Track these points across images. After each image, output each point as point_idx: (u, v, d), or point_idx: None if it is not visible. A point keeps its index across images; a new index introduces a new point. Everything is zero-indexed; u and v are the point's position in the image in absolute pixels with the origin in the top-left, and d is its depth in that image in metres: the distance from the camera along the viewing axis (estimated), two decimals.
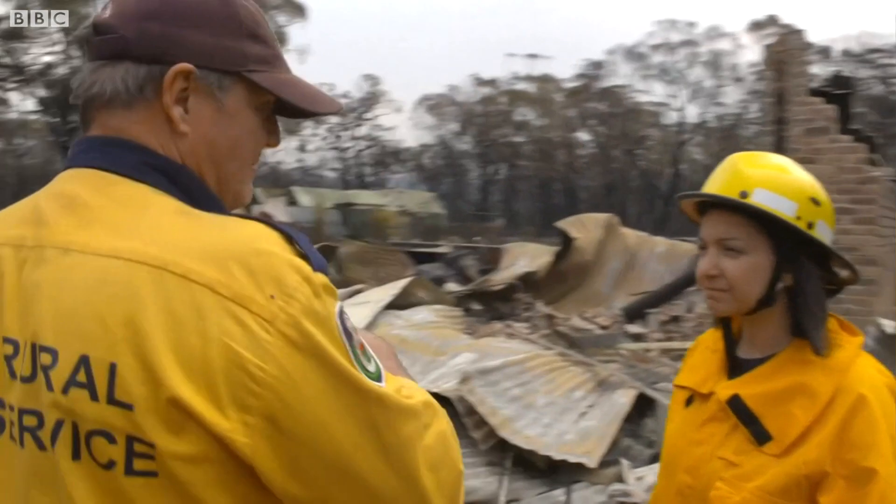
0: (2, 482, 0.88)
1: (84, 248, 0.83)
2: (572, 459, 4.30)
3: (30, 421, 0.84)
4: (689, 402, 1.60)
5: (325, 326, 0.81)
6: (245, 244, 0.82)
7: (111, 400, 0.78)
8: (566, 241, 11.84)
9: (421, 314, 7.92)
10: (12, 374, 0.85)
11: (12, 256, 0.88)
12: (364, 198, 45.50)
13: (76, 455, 0.80)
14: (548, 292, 11.15)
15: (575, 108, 58.37)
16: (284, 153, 72.17)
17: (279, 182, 65.72)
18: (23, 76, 46.79)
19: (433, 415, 0.90)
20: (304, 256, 0.83)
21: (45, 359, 0.82)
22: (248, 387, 0.78)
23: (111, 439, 0.79)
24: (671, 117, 58.02)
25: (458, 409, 4.58)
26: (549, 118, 59.22)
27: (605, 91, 56.42)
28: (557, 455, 4.32)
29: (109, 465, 0.80)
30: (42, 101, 48.07)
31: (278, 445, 0.80)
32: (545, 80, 60.10)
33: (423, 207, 48.16)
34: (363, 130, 66.92)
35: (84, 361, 0.79)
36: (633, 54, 56.29)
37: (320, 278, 0.83)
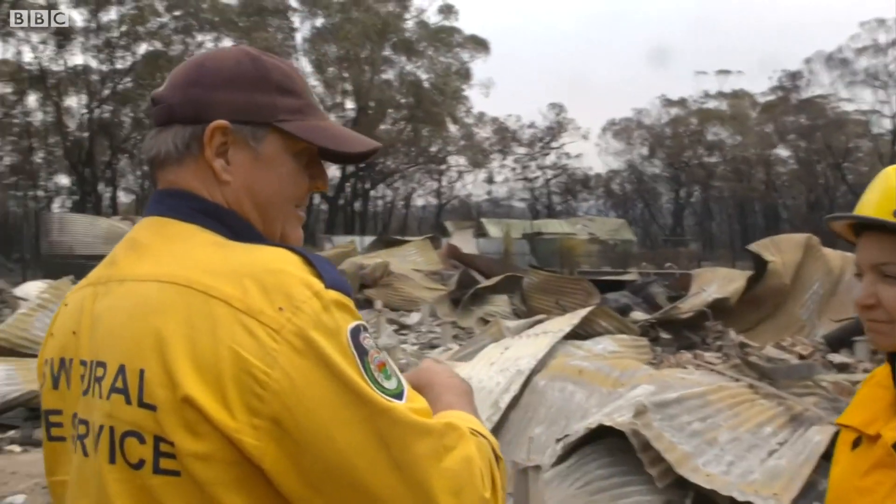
0: (68, 486, 1.01)
1: (134, 277, 0.97)
2: (758, 501, 3.99)
3: (81, 430, 0.97)
4: (856, 443, 1.43)
5: (333, 338, 0.87)
6: (262, 264, 0.91)
7: (140, 402, 0.89)
8: (760, 265, 11.15)
9: (602, 344, 7.72)
10: (84, 391, 0.98)
11: (91, 294, 1.02)
12: (553, 227, 45.39)
13: (112, 458, 0.91)
14: (740, 319, 10.53)
15: (772, 124, 55.14)
16: (473, 186, 73.77)
17: (469, 214, 67.14)
18: None
19: (458, 438, 0.93)
20: (318, 276, 0.91)
21: (98, 372, 0.95)
22: (255, 391, 0.85)
23: (141, 439, 0.89)
24: (883, 125, 53.30)
25: (633, 444, 4.39)
26: (744, 136, 56.35)
27: (804, 103, 52.89)
28: (742, 496, 4.03)
29: (139, 465, 0.89)
30: None
31: (285, 448, 0.86)
32: (738, 95, 57.41)
33: (614, 234, 47.31)
34: (550, 159, 66.86)
35: (122, 370, 0.92)
36: (834, 60, 52.40)
37: (332, 295, 0.90)
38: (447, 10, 51.02)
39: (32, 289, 14.00)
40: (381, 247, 26.19)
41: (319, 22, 49.20)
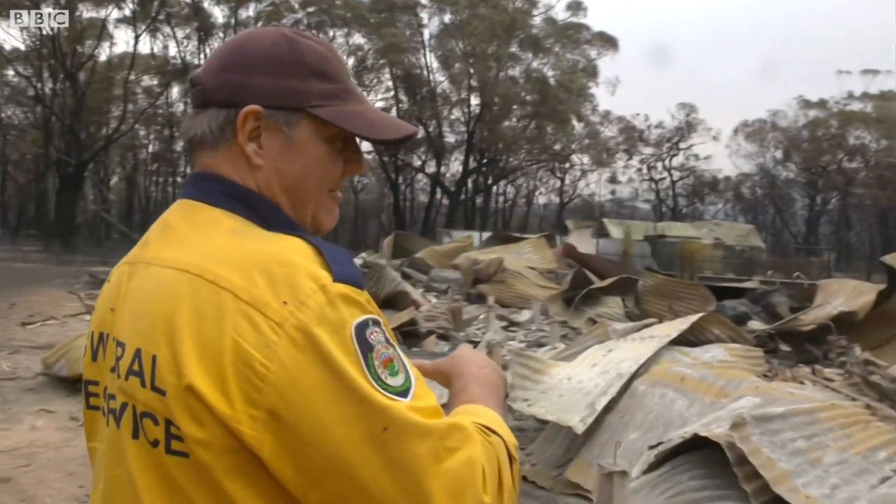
0: (100, 455, 1.05)
1: (158, 262, 1.00)
2: None
3: (112, 404, 1.00)
4: None
5: (335, 333, 0.87)
6: (272, 255, 0.91)
7: (153, 387, 0.92)
8: (894, 278, 10.44)
9: (712, 352, 7.42)
10: (111, 368, 1.02)
11: (126, 272, 1.06)
12: (677, 230, 44.10)
13: (135, 434, 0.95)
14: (868, 336, 9.87)
15: None
16: (596, 185, 72.70)
17: (591, 214, 66.21)
18: None
19: (463, 439, 0.91)
20: (327, 268, 0.91)
21: (118, 351, 0.99)
22: (254, 382, 0.86)
23: (155, 421, 0.92)
24: None
25: (728, 458, 4.21)
26: (890, 140, 52.88)
27: None
28: None
29: (155, 444, 0.92)
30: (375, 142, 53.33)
31: (282, 440, 0.86)
32: (886, 97, 53.88)
33: (741, 240, 45.50)
34: (678, 160, 65.03)
35: (138, 353, 0.95)
36: None
37: (339, 288, 0.89)
38: (575, 7, 50.49)
39: None
40: (496, 243, 26.19)
41: (447, 18, 49.69)
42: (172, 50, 50.21)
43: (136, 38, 46.20)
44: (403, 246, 27.29)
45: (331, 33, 49.46)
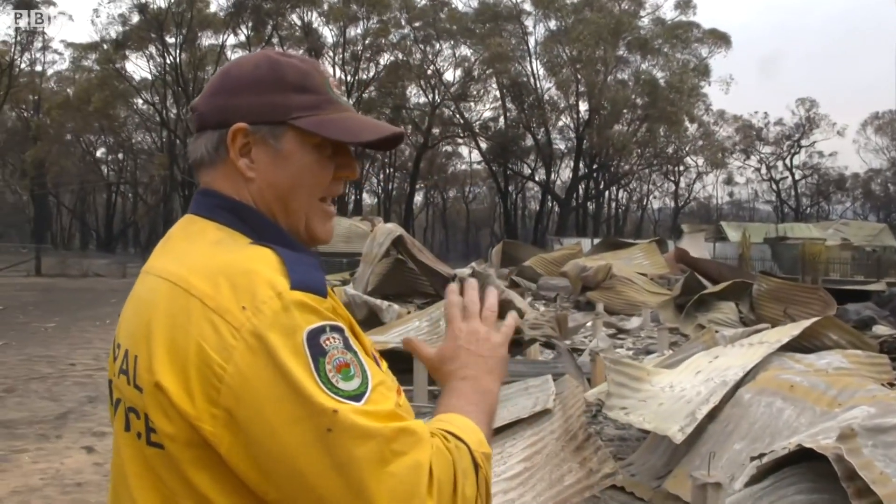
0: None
1: (153, 271, 1.09)
2: None
3: (114, 399, 1.10)
4: None
5: (287, 338, 0.92)
6: (239, 264, 0.99)
7: (134, 384, 1.01)
8: None
9: (828, 359, 7.01)
10: (115, 368, 1.11)
11: (138, 280, 1.15)
12: (800, 231, 42.11)
13: (127, 427, 1.04)
14: None
15: None
16: (712, 187, 70.34)
17: (708, 217, 64.15)
18: (469, 131, 52.73)
19: (412, 444, 0.94)
20: (287, 276, 0.96)
21: (117, 352, 1.09)
22: (213, 383, 0.93)
23: (137, 415, 1.01)
24: None
25: (837, 472, 3.93)
26: None
27: None
28: None
29: (139, 436, 1.01)
30: (485, 152, 53.57)
31: (238, 438, 0.92)
32: None
33: (872, 240, 42.96)
34: (800, 158, 62.17)
35: (126, 354, 1.04)
36: None
37: (295, 296, 0.94)
38: (684, 5, 49.16)
39: None
40: (606, 249, 25.75)
41: (553, 24, 49.39)
42: None
43: None
44: (512, 254, 27.27)
45: (437, 46, 50.08)
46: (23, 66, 50.82)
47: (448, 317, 1.23)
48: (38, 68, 53.72)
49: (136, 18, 47.06)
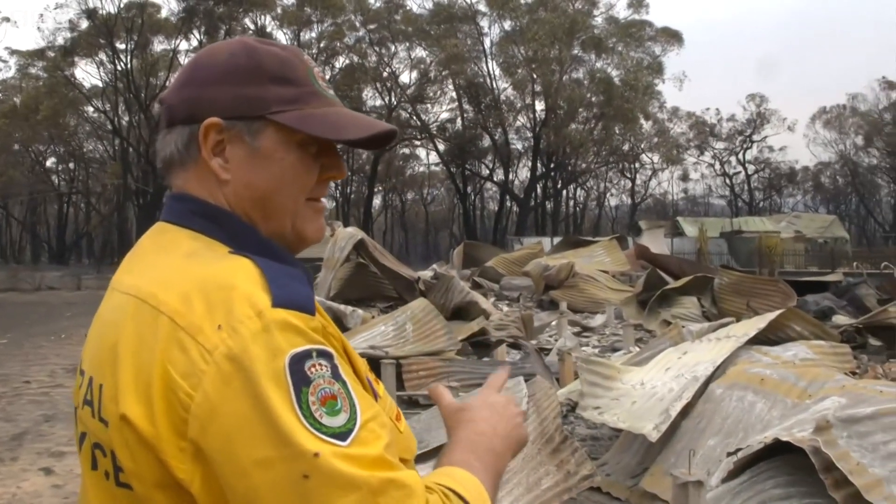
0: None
1: (120, 287, 0.97)
2: None
3: (78, 433, 0.98)
4: None
5: (266, 364, 0.80)
6: (215, 279, 0.87)
7: (99, 417, 0.89)
8: None
9: (794, 350, 7.08)
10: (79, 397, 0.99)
11: (105, 297, 1.02)
12: (754, 225, 42.89)
13: (94, 465, 0.92)
14: None
15: None
16: (668, 184, 71.34)
17: (664, 213, 64.95)
18: (426, 133, 52.71)
19: (402, 498, 0.81)
20: (269, 292, 0.84)
21: (80, 379, 0.97)
22: (179, 412, 0.81)
23: (104, 452, 0.89)
24: None
25: (814, 464, 3.94)
26: None
27: None
28: None
29: (107, 476, 0.89)
30: (442, 153, 53.61)
31: (210, 475, 0.81)
32: None
33: (824, 232, 43.91)
34: (752, 153, 63.27)
35: (90, 382, 0.93)
36: None
37: (277, 315, 0.82)
38: (637, 4, 49.73)
39: None
40: (567, 247, 25.85)
41: (507, 25, 49.60)
42: None
43: None
44: (474, 255, 27.25)
45: (392, 48, 49.94)
46: None
47: (488, 384, 1.15)
48: None
49: (84, 24, 46.15)
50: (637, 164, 60.67)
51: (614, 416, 5.56)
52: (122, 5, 44.98)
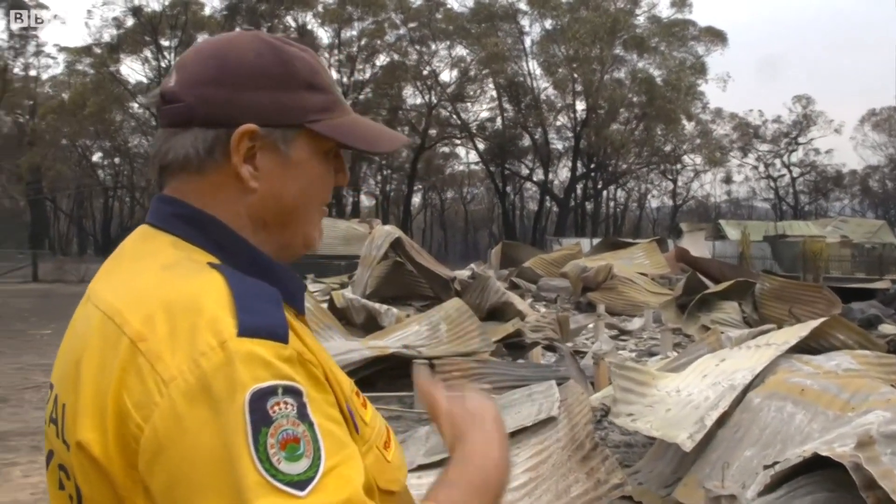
0: None
1: (93, 298, 0.91)
2: None
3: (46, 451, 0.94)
4: None
5: (222, 401, 0.74)
6: (184, 298, 0.81)
7: (63, 438, 0.85)
8: None
9: (837, 360, 6.87)
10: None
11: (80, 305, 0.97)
12: (798, 229, 42.07)
13: (61, 486, 0.87)
14: None
15: None
16: (710, 186, 70.34)
17: (706, 216, 64.07)
18: (466, 131, 52.65)
19: None
20: (236, 318, 0.78)
21: (49, 394, 0.92)
22: (130, 443, 0.76)
23: (67, 475, 0.85)
24: None
25: (855, 481, 3.79)
26: None
27: None
28: None
29: (71, 499, 0.85)
30: (482, 152, 53.50)
31: None
32: None
33: (871, 237, 42.91)
34: (797, 156, 62.13)
35: (55, 399, 0.88)
36: None
37: (242, 346, 0.76)
38: (680, 3, 49.09)
39: None
40: (606, 249, 25.60)
41: (548, 24, 49.29)
42: None
43: None
44: (511, 255, 27.15)
45: (433, 46, 49.96)
46: (17, 70, 50.72)
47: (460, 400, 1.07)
48: (33, 73, 53.63)
49: (130, 21, 46.94)
50: (679, 166, 59.93)
51: (647, 424, 5.44)
52: (166, 3, 45.71)
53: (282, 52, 0.96)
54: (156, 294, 0.82)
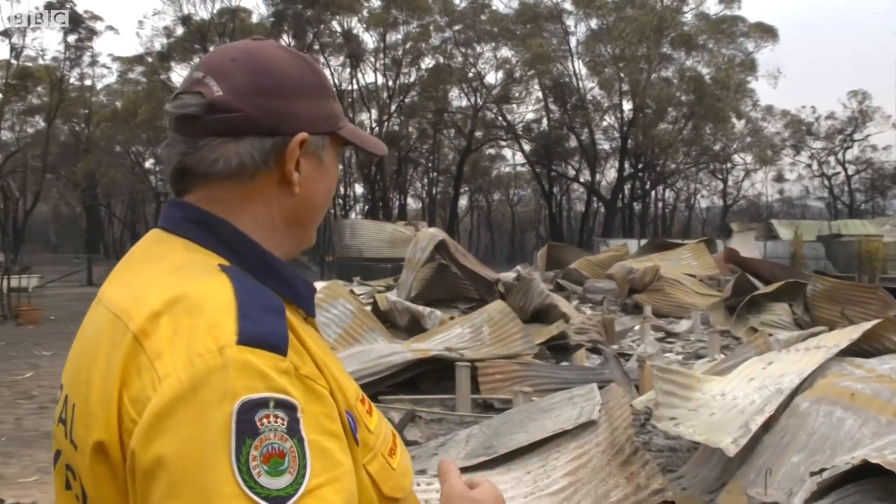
0: None
1: (104, 300, 0.92)
2: None
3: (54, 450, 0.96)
4: None
5: (213, 408, 0.73)
6: (189, 300, 0.81)
7: (71, 439, 0.85)
8: None
9: (891, 363, 6.64)
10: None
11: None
12: (854, 228, 40.96)
13: (67, 485, 0.88)
14: None
15: None
16: (762, 185, 68.99)
17: (757, 216, 62.86)
18: (512, 133, 52.48)
19: None
20: (237, 324, 0.78)
21: (59, 395, 0.93)
22: (126, 440, 0.76)
23: (74, 475, 0.85)
24: None
25: None
26: None
27: None
28: None
29: (77, 499, 0.85)
30: (528, 154, 53.28)
31: None
32: None
33: None
34: (853, 153, 60.60)
35: (66, 400, 0.89)
36: None
37: (240, 354, 0.76)
38: None
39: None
40: (653, 250, 25.28)
41: (594, 23, 48.85)
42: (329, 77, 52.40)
43: None
44: (558, 257, 26.99)
45: (478, 48, 49.92)
46: (73, 80, 52.07)
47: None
48: (88, 82, 55.01)
49: (179, 30, 47.82)
50: (729, 165, 58.87)
51: (691, 428, 5.33)
52: (215, 11, 46.47)
53: (307, 62, 1.01)
54: (163, 293, 0.83)
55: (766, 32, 49.41)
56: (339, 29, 49.13)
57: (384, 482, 0.89)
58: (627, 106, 50.29)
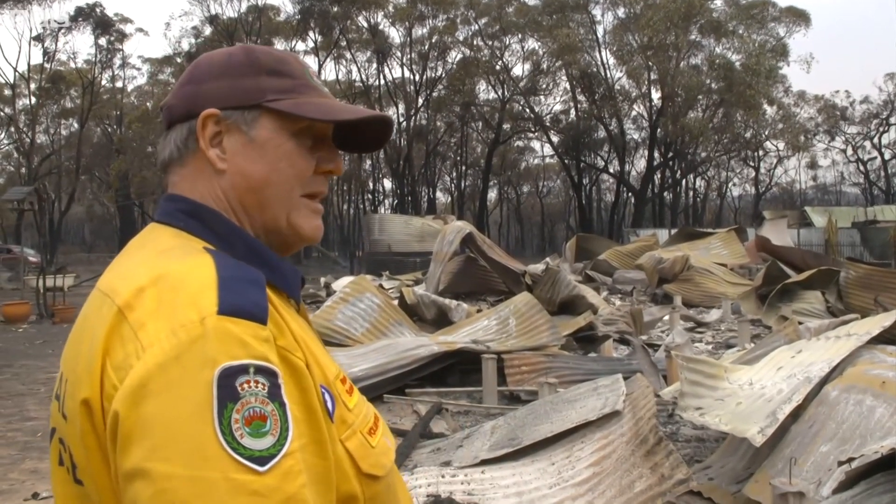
0: None
1: (100, 286, 0.94)
2: None
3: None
4: None
5: (193, 374, 0.76)
6: (173, 276, 0.85)
7: (63, 412, 0.89)
8: None
9: None
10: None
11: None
12: (891, 214, 40.29)
13: (61, 461, 0.91)
14: None
15: None
16: (795, 172, 67.96)
17: (791, 203, 61.98)
18: (540, 125, 52.24)
19: None
20: (217, 296, 0.81)
21: (58, 375, 0.96)
22: (107, 406, 0.79)
23: (65, 447, 0.89)
24: None
25: None
26: None
27: None
28: None
29: (69, 471, 0.89)
30: (556, 145, 53.02)
31: None
32: None
33: None
34: (889, 137, 59.45)
35: (60, 377, 0.93)
36: None
37: (220, 323, 0.79)
38: None
39: (343, 283, 15.31)
40: (682, 239, 25.03)
41: (621, 12, 48.41)
42: (354, 73, 52.58)
43: (320, 66, 48.82)
44: (587, 248, 26.87)
45: (504, 41, 49.73)
46: (104, 82, 52.79)
47: None
48: (119, 84, 55.76)
49: (207, 30, 48.24)
50: (761, 152, 58.08)
51: (716, 418, 5.27)
52: (242, 10, 46.79)
53: (252, 49, 1.04)
54: (149, 272, 0.86)
55: (799, 17, 48.61)
56: (365, 24, 49.26)
57: (362, 459, 0.91)
58: (656, 95, 49.84)
